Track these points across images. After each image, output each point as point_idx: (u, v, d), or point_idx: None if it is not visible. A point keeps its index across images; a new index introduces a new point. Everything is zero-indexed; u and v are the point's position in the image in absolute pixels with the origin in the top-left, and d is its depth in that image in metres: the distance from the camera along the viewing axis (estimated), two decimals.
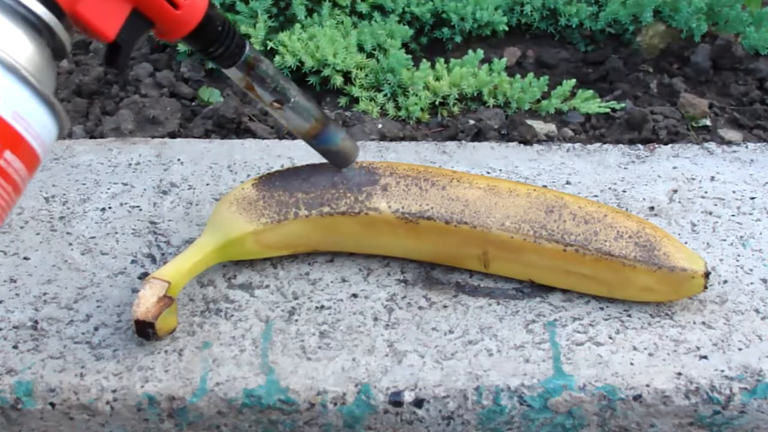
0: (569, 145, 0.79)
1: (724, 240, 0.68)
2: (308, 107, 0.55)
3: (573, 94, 0.93)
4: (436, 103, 0.91)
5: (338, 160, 0.59)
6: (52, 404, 0.56)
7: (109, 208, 0.71)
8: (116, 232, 0.69)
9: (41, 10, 0.41)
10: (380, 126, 0.89)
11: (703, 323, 0.61)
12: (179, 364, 0.58)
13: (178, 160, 0.77)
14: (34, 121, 0.41)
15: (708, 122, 0.91)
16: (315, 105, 0.56)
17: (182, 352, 0.59)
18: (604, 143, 0.81)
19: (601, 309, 0.62)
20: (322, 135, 0.57)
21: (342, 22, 0.97)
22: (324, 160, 0.64)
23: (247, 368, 0.58)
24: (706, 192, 0.73)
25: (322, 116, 0.56)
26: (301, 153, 0.77)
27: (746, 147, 0.79)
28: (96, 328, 0.60)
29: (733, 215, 0.70)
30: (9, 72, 0.39)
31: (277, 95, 0.54)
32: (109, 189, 0.73)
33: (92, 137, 0.88)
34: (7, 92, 0.39)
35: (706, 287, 0.60)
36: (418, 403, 0.57)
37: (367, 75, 0.92)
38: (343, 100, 0.93)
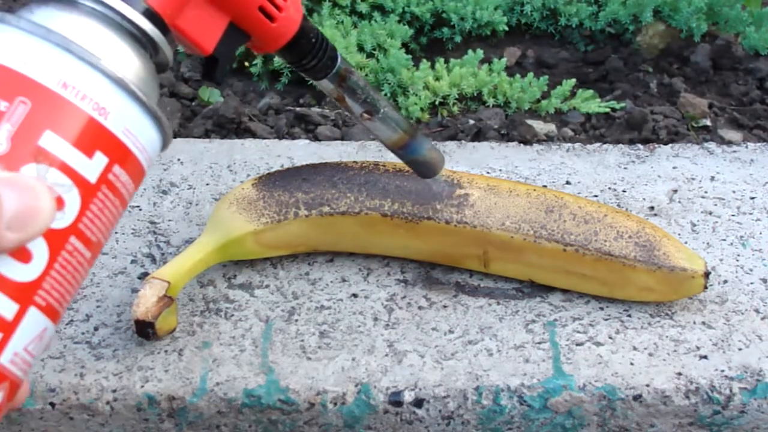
0: (569, 145, 0.79)
1: (724, 240, 0.68)
2: (396, 118, 0.56)
3: (573, 94, 0.93)
4: (436, 103, 0.91)
5: (424, 170, 0.59)
6: (52, 404, 0.56)
7: None
8: (116, 232, 0.69)
9: (147, 26, 0.41)
10: None
11: (703, 323, 0.61)
12: (179, 364, 0.58)
13: (178, 159, 0.77)
14: (142, 135, 0.41)
15: (708, 122, 0.91)
16: (403, 116, 0.56)
17: (182, 352, 0.59)
18: (604, 143, 0.81)
19: (601, 309, 0.62)
20: (409, 146, 0.57)
21: (342, 22, 0.97)
22: (324, 161, 0.64)
23: (247, 368, 0.58)
24: (706, 192, 0.73)
25: (409, 127, 0.56)
26: (301, 153, 0.77)
27: (746, 147, 0.79)
28: (96, 328, 0.60)
29: (733, 215, 0.70)
30: (119, 87, 0.40)
31: (367, 106, 0.55)
32: None
33: None
34: (118, 107, 0.40)
35: (706, 287, 0.60)
36: (418, 403, 0.57)
37: (367, 75, 0.92)
38: None
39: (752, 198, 0.72)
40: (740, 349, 0.59)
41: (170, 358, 0.58)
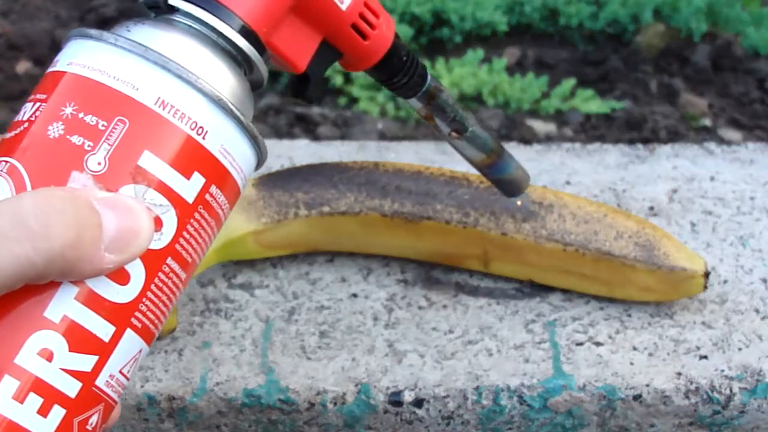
0: (569, 144, 0.79)
1: (724, 240, 0.68)
2: (484, 137, 0.54)
3: (573, 94, 0.93)
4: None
5: (510, 189, 0.57)
6: None
7: None
8: None
9: (244, 44, 0.41)
10: (380, 126, 0.89)
11: (703, 323, 0.61)
12: (179, 364, 0.58)
13: None
14: (238, 154, 0.41)
15: (708, 122, 0.91)
16: (490, 135, 0.55)
17: (182, 351, 0.59)
18: (604, 143, 0.81)
19: (601, 309, 0.62)
20: (496, 165, 0.55)
21: None
22: (324, 161, 0.64)
23: (246, 368, 0.58)
24: (706, 192, 0.73)
25: (497, 146, 0.55)
26: (301, 153, 0.77)
27: (746, 147, 0.79)
28: None
29: (732, 215, 0.70)
30: (217, 106, 0.39)
31: (456, 125, 0.53)
32: None
33: None
34: (216, 126, 0.39)
35: (706, 287, 0.60)
36: (418, 402, 0.57)
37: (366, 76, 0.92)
38: (343, 100, 0.93)
39: (752, 198, 0.72)
40: (740, 349, 0.59)
41: (170, 358, 0.58)
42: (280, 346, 0.59)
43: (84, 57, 0.39)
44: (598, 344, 0.60)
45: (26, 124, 0.39)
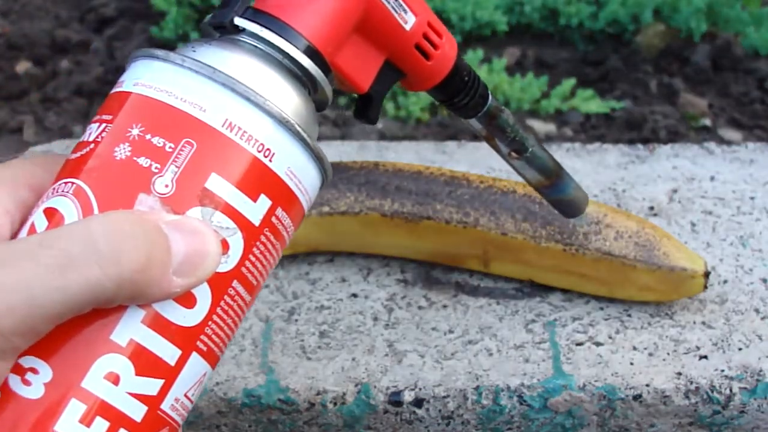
0: (569, 144, 0.79)
1: (724, 240, 0.68)
2: (544, 157, 0.53)
3: (573, 94, 0.94)
4: (436, 102, 0.91)
5: (569, 210, 0.56)
6: None
7: None
8: None
9: (310, 65, 0.41)
10: (380, 126, 0.89)
11: (703, 323, 0.61)
12: None
13: None
14: (304, 176, 0.40)
15: (708, 122, 0.91)
16: (549, 155, 0.54)
17: None
18: (604, 143, 0.81)
19: (601, 309, 0.62)
20: (555, 186, 0.54)
21: None
22: None
23: (246, 368, 0.58)
24: (705, 192, 0.73)
25: (556, 166, 0.54)
26: None
27: (746, 147, 0.79)
28: None
29: (732, 215, 0.70)
30: (284, 128, 0.39)
31: (516, 145, 0.52)
32: None
33: None
34: (282, 148, 0.39)
35: (706, 287, 0.60)
36: (418, 402, 0.57)
37: None
38: (343, 100, 0.93)
39: (752, 198, 0.72)
40: (740, 349, 0.59)
41: None
42: (280, 346, 0.59)
43: (150, 77, 0.39)
44: (598, 344, 0.60)
45: (92, 145, 0.38)
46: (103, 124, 0.39)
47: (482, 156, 0.78)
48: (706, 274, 0.60)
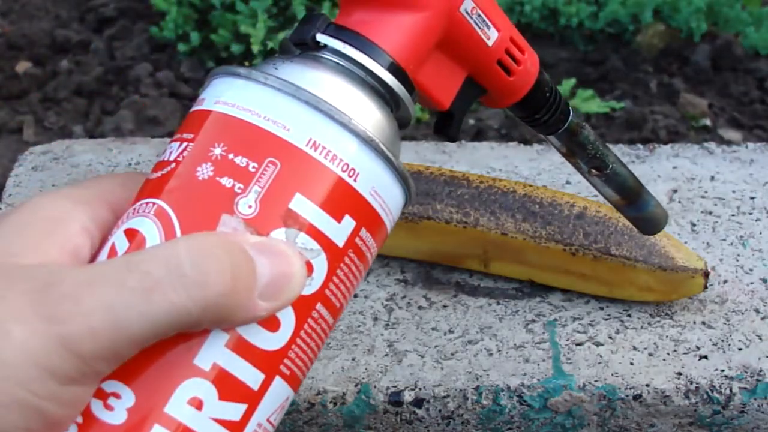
0: None
1: (724, 240, 0.68)
2: (624, 174, 0.52)
3: (573, 94, 0.94)
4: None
5: (648, 227, 0.55)
6: None
7: None
8: None
9: (393, 82, 0.40)
10: None
11: (703, 323, 0.61)
12: None
13: None
14: (388, 196, 0.40)
15: (708, 122, 0.91)
16: (630, 172, 0.53)
17: None
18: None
19: (601, 309, 0.62)
20: (636, 203, 0.53)
21: None
22: None
23: None
24: (706, 192, 0.73)
25: (636, 184, 0.53)
26: None
27: (746, 147, 0.79)
28: None
29: (733, 215, 0.70)
30: (369, 147, 0.38)
31: (597, 162, 0.51)
32: None
33: (92, 137, 0.89)
34: (367, 168, 0.38)
35: (706, 287, 0.60)
36: (418, 402, 0.57)
37: None
38: None
39: (752, 198, 0.72)
40: (740, 349, 0.59)
41: None
42: None
43: (232, 96, 0.38)
44: (598, 344, 0.60)
45: (173, 165, 0.38)
46: (185, 143, 0.38)
47: (482, 156, 0.78)
48: (706, 274, 0.60)
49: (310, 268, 0.37)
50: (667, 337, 0.60)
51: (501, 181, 0.64)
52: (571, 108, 0.49)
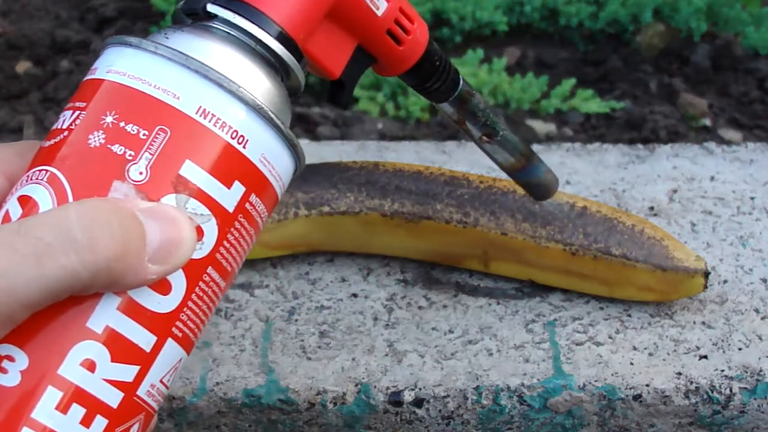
0: (569, 144, 0.79)
1: (724, 240, 0.68)
2: (515, 141, 0.55)
3: (573, 94, 0.93)
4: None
5: (539, 192, 0.58)
6: None
7: None
8: None
9: (282, 51, 0.41)
10: (380, 126, 0.89)
11: (703, 323, 0.61)
12: None
13: None
14: (278, 163, 0.41)
15: (708, 122, 0.91)
16: (520, 138, 0.55)
17: None
18: (604, 143, 0.81)
19: (601, 309, 0.62)
20: (526, 168, 0.56)
21: None
22: (324, 161, 0.64)
23: (246, 368, 0.58)
24: (705, 192, 0.73)
25: (527, 150, 0.55)
26: None
27: (746, 147, 0.79)
28: None
29: (732, 215, 0.70)
30: (258, 115, 0.39)
31: (487, 129, 0.53)
32: None
33: None
34: (256, 135, 0.39)
35: (706, 287, 0.60)
36: (418, 402, 0.57)
37: (366, 74, 0.93)
38: None
39: (752, 198, 0.72)
40: (740, 349, 0.59)
41: None
42: (280, 346, 0.59)
43: (123, 64, 0.39)
44: (598, 344, 0.60)
45: (66, 133, 0.38)
46: (77, 112, 0.39)
47: (482, 156, 0.78)
48: (706, 274, 0.60)
49: (200, 232, 0.38)
50: (667, 337, 0.60)
51: (501, 181, 0.64)
52: (461, 76, 0.51)
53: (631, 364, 0.58)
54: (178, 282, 0.38)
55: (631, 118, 0.90)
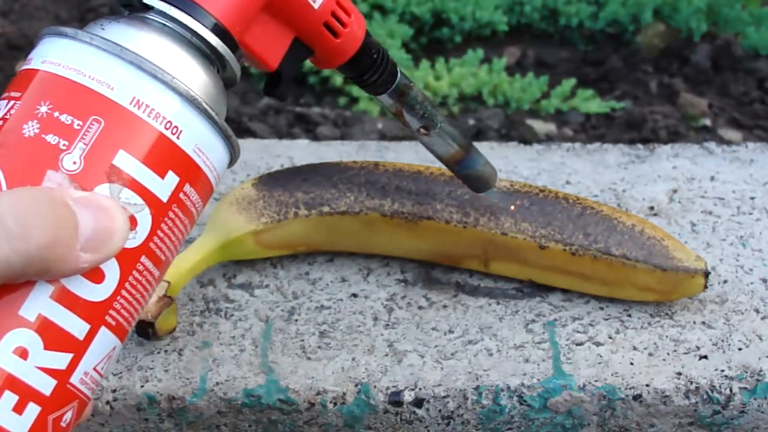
0: (569, 144, 0.79)
1: (724, 240, 0.68)
2: (453, 133, 0.56)
3: (573, 94, 0.94)
4: (436, 102, 0.91)
5: (478, 184, 0.59)
6: None
7: None
8: None
9: (217, 43, 0.41)
10: (380, 126, 0.89)
11: (703, 323, 0.61)
12: (179, 364, 0.58)
13: None
14: (212, 153, 0.41)
15: (708, 122, 0.91)
16: (459, 131, 0.56)
17: (182, 351, 0.59)
18: (604, 143, 0.81)
19: (601, 309, 0.62)
20: (464, 160, 0.57)
21: None
22: (324, 161, 0.64)
23: (246, 368, 0.58)
24: (705, 192, 0.73)
25: (465, 142, 0.56)
26: (301, 153, 0.77)
27: (746, 147, 0.79)
28: None
29: (732, 215, 0.70)
30: (191, 106, 0.40)
31: (425, 121, 0.54)
32: None
33: None
34: (190, 126, 0.40)
35: (706, 287, 0.60)
36: (418, 402, 0.57)
37: None
38: (343, 100, 0.93)
39: (752, 198, 0.72)
40: (740, 349, 0.59)
41: (170, 357, 0.58)
42: (280, 345, 0.59)
43: (58, 55, 0.39)
44: (598, 344, 0.60)
45: (0, 123, 0.39)
46: (12, 101, 0.39)
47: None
48: (706, 274, 0.60)
49: (133, 222, 0.38)
50: (667, 337, 0.60)
51: (501, 181, 0.64)
52: (399, 69, 0.52)
53: (631, 364, 0.58)
54: (112, 271, 0.38)
55: (631, 118, 0.90)
